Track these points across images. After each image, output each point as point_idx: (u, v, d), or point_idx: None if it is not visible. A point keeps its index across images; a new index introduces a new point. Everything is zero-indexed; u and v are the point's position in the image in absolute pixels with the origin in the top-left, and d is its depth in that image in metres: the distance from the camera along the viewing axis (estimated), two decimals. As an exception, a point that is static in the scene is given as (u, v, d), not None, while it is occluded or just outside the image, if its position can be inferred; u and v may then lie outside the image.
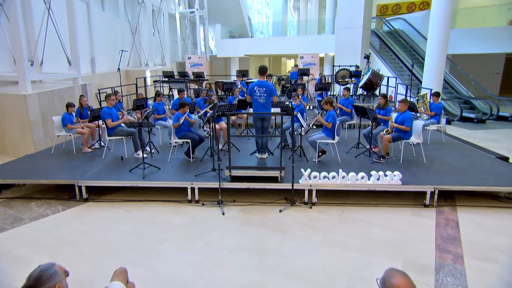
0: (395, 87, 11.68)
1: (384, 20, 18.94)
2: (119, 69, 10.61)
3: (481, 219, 4.66)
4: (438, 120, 7.60)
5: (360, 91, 13.05)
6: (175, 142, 6.51)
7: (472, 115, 12.10)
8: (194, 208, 5.17)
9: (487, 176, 5.41)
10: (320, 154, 6.32)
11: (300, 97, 8.12)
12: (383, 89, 13.14)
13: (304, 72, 12.30)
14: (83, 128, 7.09)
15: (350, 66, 13.68)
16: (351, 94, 12.93)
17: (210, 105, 7.22)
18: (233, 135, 8.38)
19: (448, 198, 5.34)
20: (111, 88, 10.24)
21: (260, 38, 25.20)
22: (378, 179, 5.16)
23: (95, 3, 14.36)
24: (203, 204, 5.25)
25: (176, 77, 13.04)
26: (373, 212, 4.98)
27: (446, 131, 7.86)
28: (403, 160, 6.27)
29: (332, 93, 14.09)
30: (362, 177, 5.15)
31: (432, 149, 7.10)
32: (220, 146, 7.19)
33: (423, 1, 21.55)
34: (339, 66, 13.85)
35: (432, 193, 5.06)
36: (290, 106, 6.95)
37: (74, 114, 7.09)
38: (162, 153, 7.01)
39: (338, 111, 8.11)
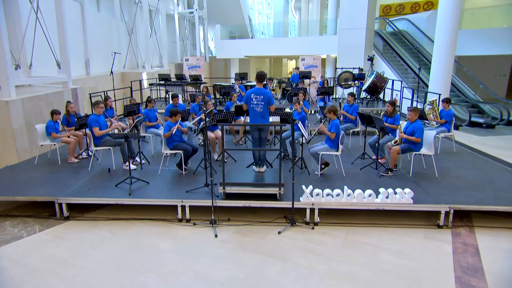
0: (401, 91, 11.19)
1: (387, 21, 18.46)
2: (112, 72, 10.13)
3: (505, 245, 4.17)
4: (448, 128, 7.11)
5: (363, 94, 12.56)
6: (166, 153, 6.04)
7: (480, 120, 11.60)
8: (184, 228, 4.70)
9: (508, 194, 4.92)
10: (322, 166, 5.84)
11: (301, 102, 7.65)
12: (388, 93, 12.66)
13: (306, 75, 11.82)
14: (69, 137, 6.63)
15: (353, 68, 13.20)
16: (352, 92, 12.47)
17: (205, 113, 6.76)
18: (229, 148, 7.92)
19: (464, 216, 4.85)
20: (103, 92, 9.78)
21: (261, 39, 24.72)
22: (387, 197, 4.68)
23: (90, 3, 13.92)
24: (194, 224, 4.78)
25: (173, 79, 12.58)
26: (382, 234, 4.50)
27: (454, 138, 7.36)
28: (412, 173, 5.79)
29: (334, 97, 13.60)
30: (370, 195, 4.67)
31: (443, 159, 6.61)
32: (216, 156, 6.72)
33: (427, 1, 21.04)
34: (342, 68, 13.37)
35: (447, 213, 4.57)
36: (290, 113, 6.48)
37: (59, 122, 6.63)
38: (153, 163, 6.54)
39: (341, 118, 7.63)
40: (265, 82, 11.09)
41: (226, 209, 4.96)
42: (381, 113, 6.68)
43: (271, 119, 5.74)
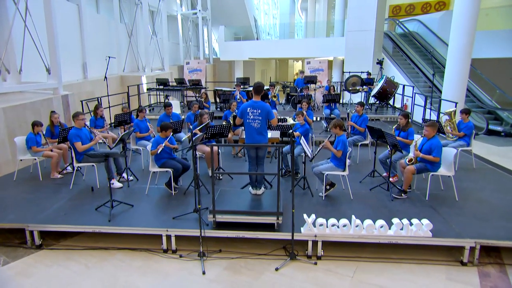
0: (412, 97, 10.51)
1: (397, 22, 17.72)
2: (106, 77, 9.62)
3: (543, 292, 3.52)
4: (468, 142, 6.44)
5: (372, 100, 11.91)
6: (154, 171, 5.47)
7: (499, 128, 10.86)
8: (169, 262, 4.13)
9: (543, 225, 4.27)
10: (327, 187, 5.22)
11: (305, 112, 7.05)
12: (398, 99, 11.98)
13: (311, 80, 11.19)
14: (52, 150, 6.10)
15: (361, 72, 12.54)
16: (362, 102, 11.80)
17: (201, 126, 6.20)
18: (222, 172, 7.35)
19: (492, 251, 4.20)
20: (97, 98, 9.27)
21: (265, 40, 24.13)
22: (401, 229, 4.05)
23: (89, 4, 13.46)
24: (180, 256, 4.20)
25: (172, 84, 12.05)
26: (395, 271, 3.87)
27: (473, 152, 6.67)
28: (429, 195, 5.14)
29: (341, 102, 12.95)
30: (381, 226, 4.05)
31: (462, 178, 5.94)
32: (211, 172, 6.13)
33: (439, 1, 20.23)
34: (349, 72, 12.71)
35: (472, 248, 3.93)
36: (291, 126, 5.88)
37: (42, 134, 6.10)
38: (142, 180, 5.98)
39: (349, 129, 7.00)
40: (267, 88, 10.53)
41: (218, 238, 4.38)
42: (393, 127, 6.03)
43: (270, 134, 5.14)
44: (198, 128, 6.18)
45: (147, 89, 11.86)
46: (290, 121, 7.19)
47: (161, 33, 16.91)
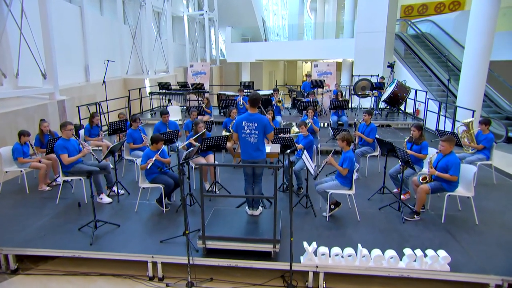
0: (425, 103, 9.94)
1: (409, 23, 17.09)
2: (104, 82, 9.31)
3: None
4: (487, 156, 5.89)
5: (382, 105, 11.37)
6: (144, 187, 5.08)
7: (518, 136, 10.21)
8: (153, 292, 3.73)
9: None
10: (332, 207, 4.76)
11: (310, 121, 6.62)
12: (410, 104, 11.41)
13: (318, 84, 10.70)
14: (40, 161, 5.77)
15: (371, 76, 12.00)
16: (372, 107, 11.28)
17: (196, 135, 5.80)
18: (211, 194, 6.93)
19: (517, 287, 3.69)
20: (96, 103, 8.95)
21: (273, 42, 23.64)
22: (414, 261, 3.58)
23: (92, 6, 13.22)
24: (167, 286, 3.80)
25: (175, 87, 11.68)
26: (408, 312, 3.40)
27: (492, 164, 6.11)
28: (445, 218, 4.64)
29: (350, 107, 12.43)
30: (391, 257, 3.58)
31: (482, 196, 5.39)
32: (207, 186, 5.73)
33: (453, 0, 19.50)
34: (358, 76, 12.18)
35: (498, 286, 3.43)
36: (293, 139, 5.43)
37: (30, 144, 5.77)
38: (134, 194, 5.58)
39: (357, 140, 6.52)
40: (271, 92, 10.08)
41: (209, 265, 3.97)
42: (405, 139, 5.53)
43: (268, 148, 4.70)
44: (194, 137, 5.80)
45: (149, 93, 11.52)
46: (295, 129, 6.75)
47: (166, 34, 16.61)
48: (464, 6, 18.60)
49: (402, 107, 11.19)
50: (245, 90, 9.98)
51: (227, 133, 6.99)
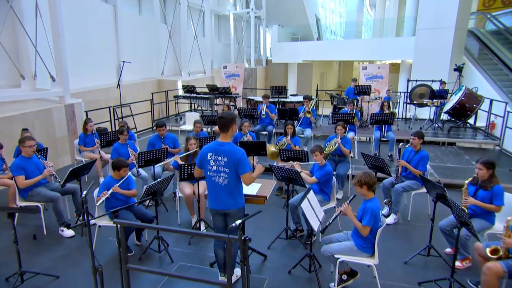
0: (504, 117, 7.73)
1: (488, 16, 14.26)
2: (119, 84, 8.63)
3: None
4: None
5: (444, 116, 9.27)
6: (100, 225, 4.04)
7: None
8: None
9: None
10: (344, 277, 3.27)
11: (339, 140, 5.18)
12: (482, 117, 9.14)
13: (364, 90, 8.97)
14: (13, 177, 5.04)
15: (432, 81, 9.90)
16: (430, 118, 9.25)
17: (186, 153, 4.67)
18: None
19: None
20: (109, 108, 8.28)
21: (323, 41, 21.75)
22: None
23: (129, 5, 12.85)
24: None
25: (201, 90, 10.69)
26: None
27: None
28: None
29: (403, 117, 10.45)
30: None
31: None
32: (194, 221, 4.55)
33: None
34: (416, 81, 10.14)
35: None
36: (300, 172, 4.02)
37: (2, 158, 5.08)
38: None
39: (399, 170, 4.84)
40: (300, 100, 8.59)
41: None
42: (466, 180, 3.78)
43: (255, 189, 3.35)
44: (182, 155, 4.66)
45: (174, 96, 10.70)
46: (271, 148, 5.40)
47: (205, 33, 15.85)
48: None
49: (471, 120, 8.98)
50: (273, 96, 8.64)
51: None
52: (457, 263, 3.64)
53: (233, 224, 2.26)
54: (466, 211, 3.53)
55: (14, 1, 7.33)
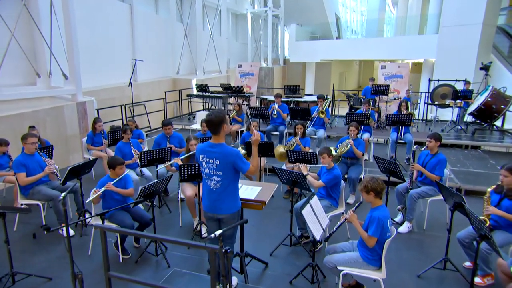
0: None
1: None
2: (130, 83, 8.61)
3: None
4: None
5: (468, 118, 8.76)
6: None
7: None
8: None
9: None
10: (348, 292, 3.02)
11: (351, 141, 4.90)
12: (510, 119, 8.58)
13: (381, 90, 8.57)
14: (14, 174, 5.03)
15: (456, 81, 9.38)
16: (453, 120, 8.76)
17: (187, 154, 4.52)
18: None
19: None
20: (121, 106, 8.27)
21: (342, 40, 21.21)
22: None
23: (145, 4, 12.90)
24: None
25: (215, 90, 10.57)
26: None
27: None
28: None
29: (424, 119, 9.98)
30: None
31: None
32: (195, 223, 4.38)
33: None
34: (438, 80, 9.64)
35: None
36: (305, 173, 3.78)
37: (9, 155, 5.08)
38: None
39: (415, 174, 4.51)
40: (315, 100, 8.30)
41: None
42: (488, 189, 3.43)
43: (254, 193, 3.14)
44: (183, 157, 4.51)
45: (187, 95, 10.62)
46: (279, 149, 5.14)
47: (221, 32, 15.76)
48: None
49: (498, 123, 8.44)
50: (287, 96, 8.37)
51: (244, 151, 5.55)
52: (477, 279, 3.31)
53: (212, 235, 2.06)
54: (488, 222, 3.21)
55: (30, 1, 7.43)
